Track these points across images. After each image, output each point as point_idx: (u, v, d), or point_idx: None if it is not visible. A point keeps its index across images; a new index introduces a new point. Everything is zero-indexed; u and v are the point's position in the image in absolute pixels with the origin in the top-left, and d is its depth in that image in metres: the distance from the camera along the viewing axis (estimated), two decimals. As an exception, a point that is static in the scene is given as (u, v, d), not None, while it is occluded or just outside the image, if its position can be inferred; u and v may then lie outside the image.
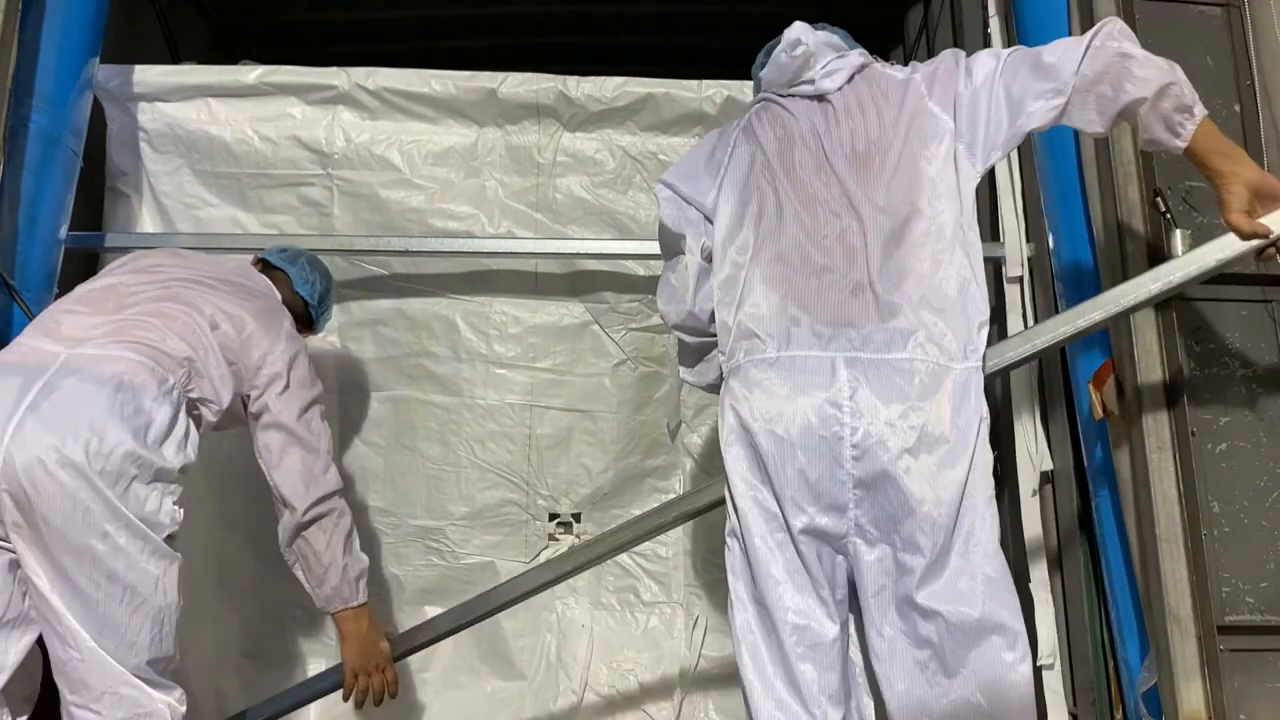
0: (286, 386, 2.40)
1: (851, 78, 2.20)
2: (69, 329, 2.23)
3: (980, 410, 1.96)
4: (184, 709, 2.16)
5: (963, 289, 2.00)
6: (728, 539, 2.07)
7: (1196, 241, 2.23)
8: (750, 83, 3.17)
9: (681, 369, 2.41)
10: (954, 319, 1.99)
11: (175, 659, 2.19)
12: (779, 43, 2.35)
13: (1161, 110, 2.00)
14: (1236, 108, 2.63)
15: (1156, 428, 2.37)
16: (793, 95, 2.25)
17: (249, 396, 2.41)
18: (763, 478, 1.99)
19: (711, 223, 2.23)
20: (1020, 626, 1.92)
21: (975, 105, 2.09)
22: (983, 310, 2.01)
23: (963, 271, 2.02)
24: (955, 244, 2.03)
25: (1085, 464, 2.69)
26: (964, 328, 1.99)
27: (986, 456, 1.97)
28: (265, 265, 2.76)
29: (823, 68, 2.22)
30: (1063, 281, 2.74)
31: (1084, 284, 2.64)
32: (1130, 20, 2.59)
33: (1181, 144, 2.02)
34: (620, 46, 4.42)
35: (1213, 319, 2.49)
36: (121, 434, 2.09)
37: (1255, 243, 2.03)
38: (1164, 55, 2.62)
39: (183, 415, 2.27)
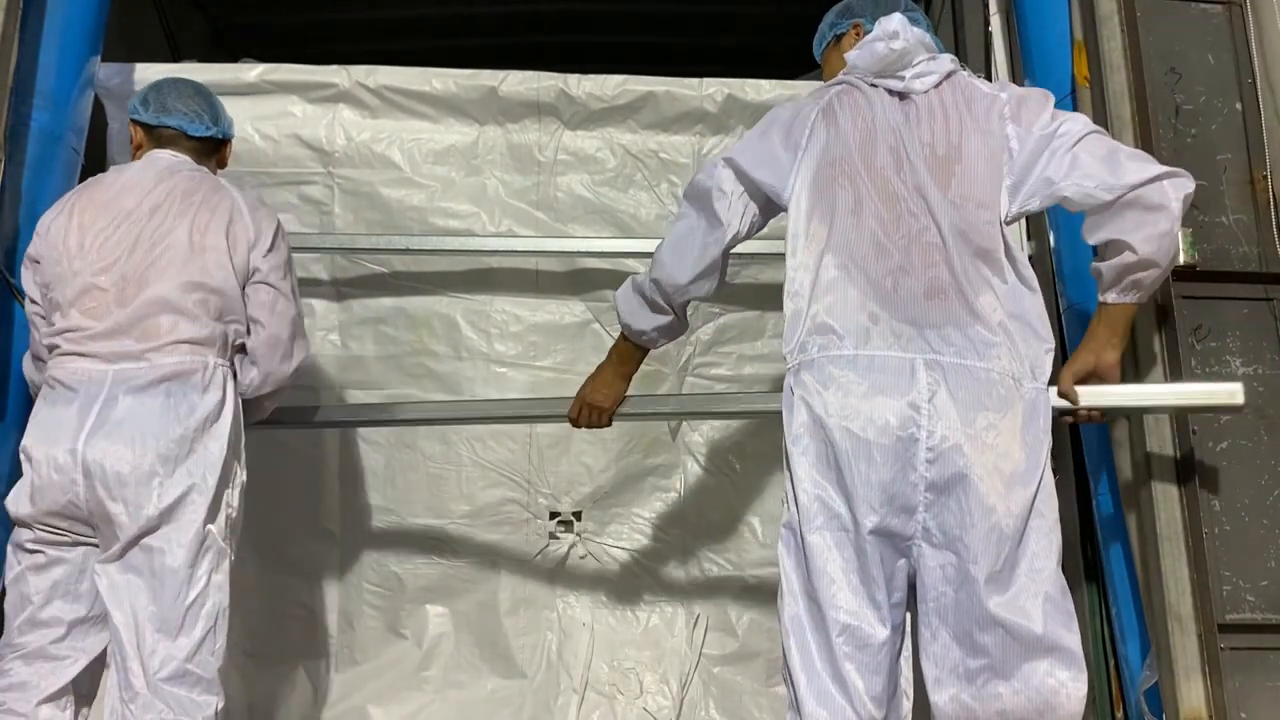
0: (277, 269, 2.42)
1: (939, 83, 2.19)
2: (97, 346, 2.25)
3: (1048, 432, 2.01)
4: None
5: (1037, 312, 2.06)
6: (783, 530, 2.06)
7: (1199, 239, 2.23)
8: (750, 81, 3.21)
9: (618, 293, 2.40)
10: (1029, 338, 2.03)
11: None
12: (851, 11, 2.37)
13: (1134, 272, 2.07)
14: (1238, 105, 2.63)
15: (1157, 426, 2.37)
16: (876, 85, 2.20)
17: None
18: (831, 475, 1.99)
19: (778, 205, 2.20)
20: (1079, 651, 1.94)
21: (1039, 150, 2.09)
22: (1050, 337, 2.06)
23: (1035, 295, 2.07)
24: (1018, 263, 2.08)
25: (1086, 462, 2.69)
26: (1036, 348, 2.03)
27: (1051, 479, 2.01)
28: (147, 133, 2.50)
29: (915, 67, 2.19)
30: (1063, 279, 2.74)
31: (1085, 282, 2.64)
32: (1131, 19, 2.59)
33: (1110, 297, 2.12)
34: (620, 45, 4.42)
35: (1214, 317, 2.49)
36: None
37: (1064, 403, 2.14)
38: (1165, 54, 2.65)
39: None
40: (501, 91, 3.19)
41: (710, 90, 3.22)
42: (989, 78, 3.19)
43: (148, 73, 3.10)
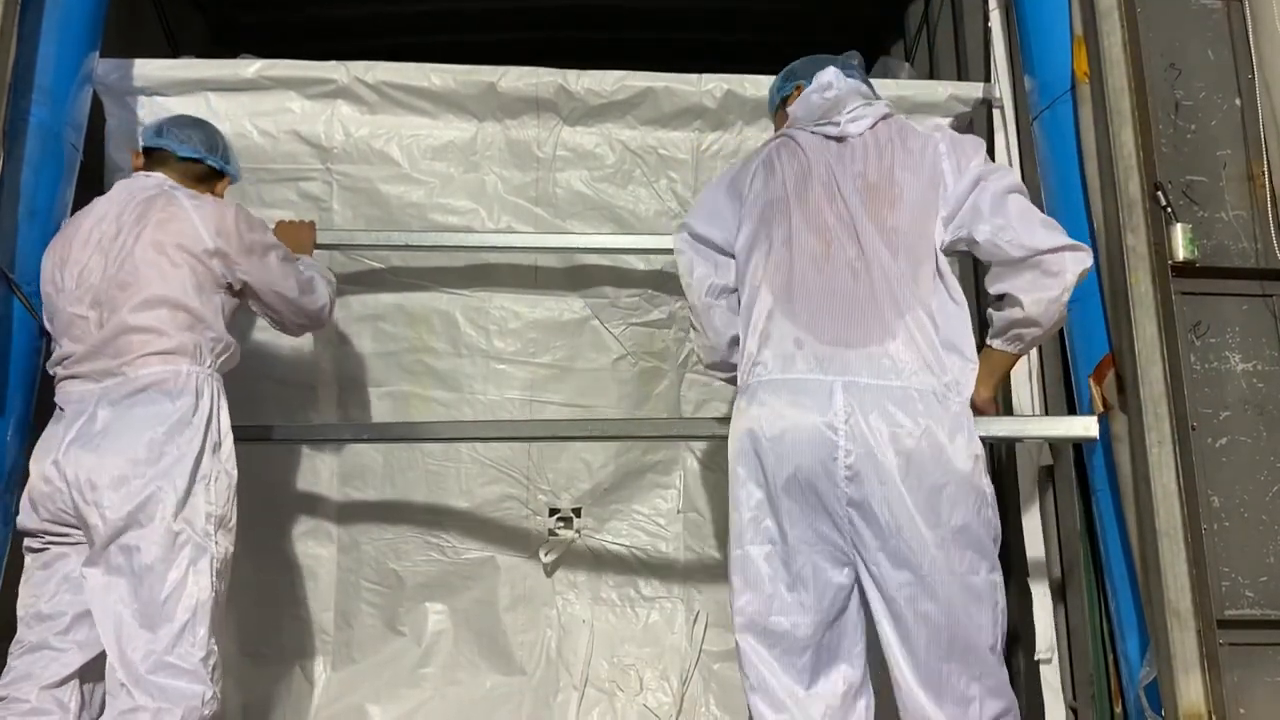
0: (243, 251, 2.49)
1: (875, 124, 2.38)
2: (83, 368, 2.40)
3: (973, 443, 2.17)
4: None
5: (963, 331, 2.23)
6: (731, 546, 2.27)
7: (1198, 235, 2.23)
8: (749, 77, 3.21)
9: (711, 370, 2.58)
10: (953, 356, 2.20)
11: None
12: (794, 74, 2.57)
13: (1018, 327, 2.25)
14: (1237, 102, 2.63)
15: (1157, 422, 2.37)
16: (814, 133, 2.41)
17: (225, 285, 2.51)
18: (763, 490, 2.21)
19: (732, 257, 2.43)
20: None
21: (972, 185, 2.26)
22: (974, 356, 2.23)
23: (961, 314, 2.24)
24: (950, 295, 2.25)
25: (1085, 458, 2.69)
26: (960, 366, 2.20)
27: (983, 488, 2.17)
28: (146, 156, 2.64)
29: (849, 112, 2.40)
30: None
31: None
32: (1131, 14, 2.59)
33: (995, 344, 2.29)
34: (619, 41, 4.42)
35: (1213, 313, 2.50)
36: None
37: None
38: (1164, 50, 2.65)
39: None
40: (500, 87, 3.19)
41: (709, 86, 3.21)
42: (988, 75, 3.20)
43: (146, 69, 3.10)
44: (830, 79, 2.45)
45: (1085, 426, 2.58)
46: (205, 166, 2.65)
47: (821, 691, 2.20)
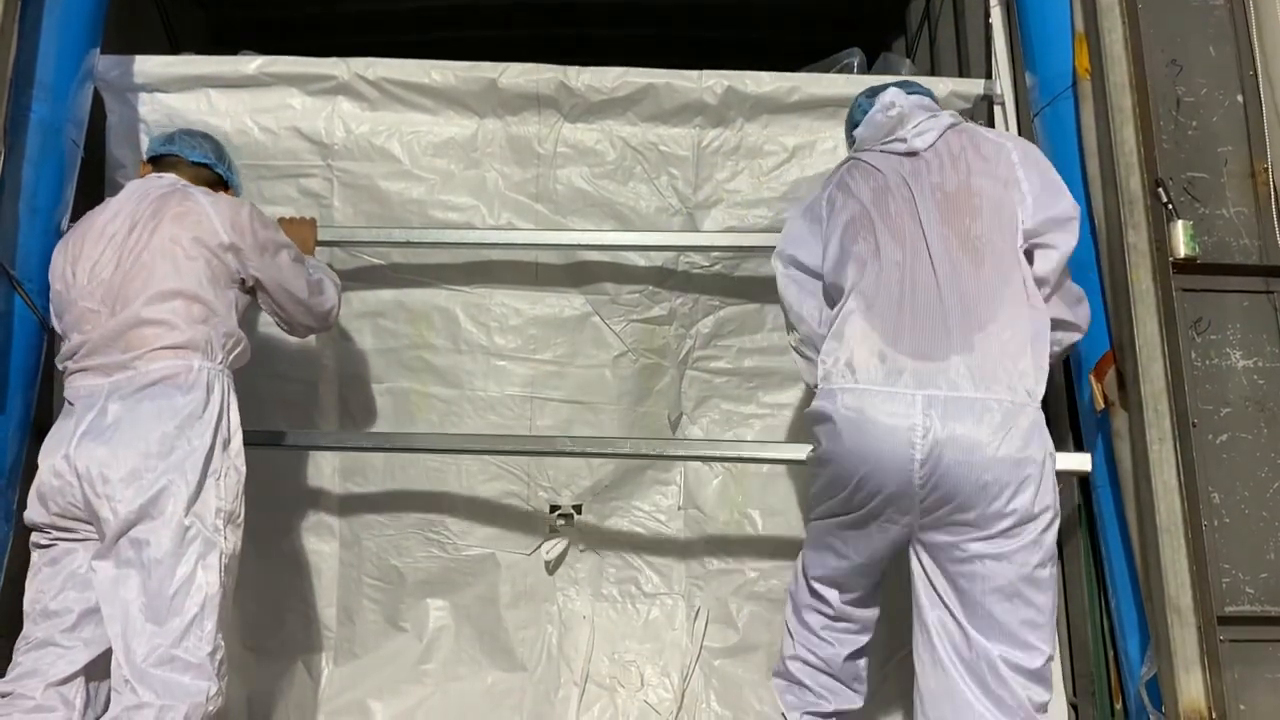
0: (256, 249, 2.53)
1: (943, 134, 2.42)
2: (93, 361, 2.41)
3: (1044, 445, 2.21)
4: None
5: (1044, 337, 2.25)
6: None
7: (1199, 232, 2.23)
8: (750, 73, 3.20)
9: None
10: (1028, 362, 2.21)
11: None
12: (873, 96, 2.60)
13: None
14: (1239, 98, 2.63)
15: (1157, 419, 2.37)
16: (884, 151, 2.45)
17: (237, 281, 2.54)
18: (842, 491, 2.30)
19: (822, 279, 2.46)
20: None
21: (1048, 191, 2.33)
22: (1047, 359, 2.25)
23: (1044, 320, 2.27)
24: (1030, 300, 2.26)
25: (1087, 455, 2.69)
26: (1035, 372, 2.21)
27: (1050, 487, 2.22)
28: (155, 162, 2.71)
29: (914, 127, 2.44)
30: (1064, 272, 2.74)
31: (1085, 275, 2.64)
32: (1132, 10, 2.59)
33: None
34: (617, 38, 4.41)
35: (1214, 310, 2.50)
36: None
37: None
38: (1166, 46, 2.66)
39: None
40: (501, 83, 3.18)
41: (710, 82, 3.20)
42: (989, 72, 3.19)
43: (147, 65, 3.10)
44: (892, 98, 2.52)
45: (1081, 462, 2.63)
46: (213, 174, 2.73)
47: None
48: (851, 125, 2.68)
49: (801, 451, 2.67)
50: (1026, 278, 2.26)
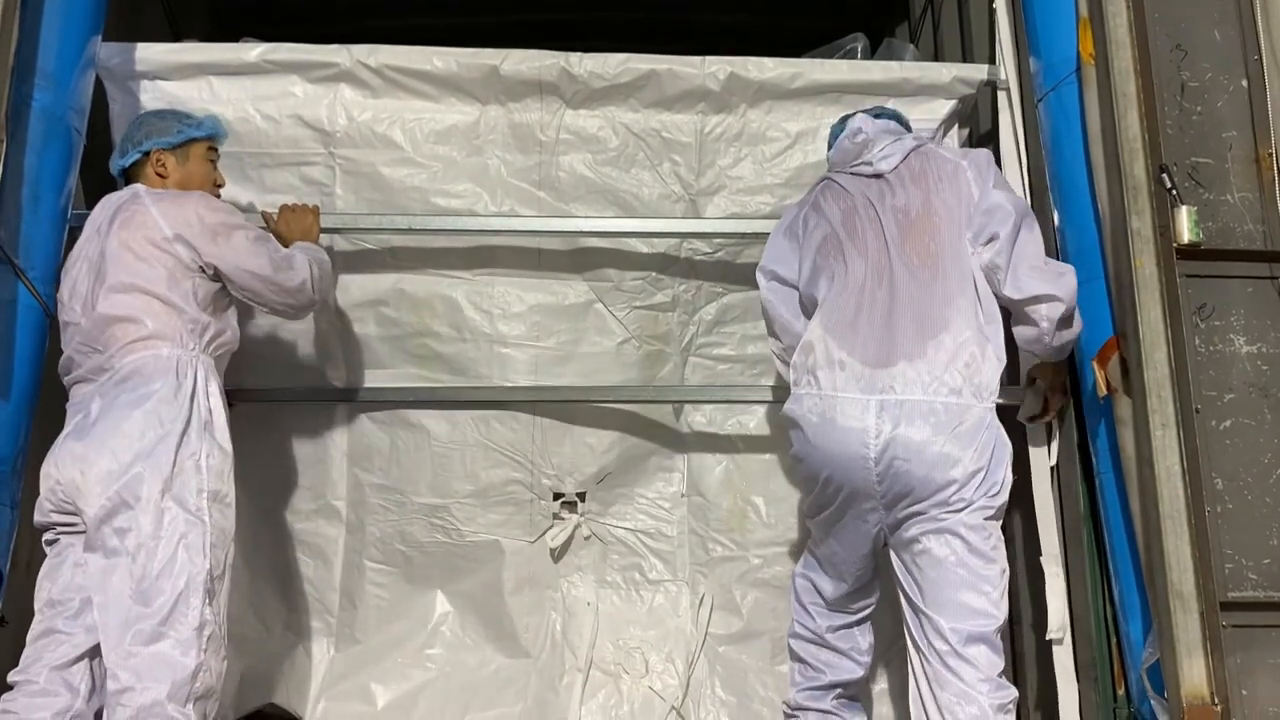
0: (206, 235, 2.55)
1: (906, 157, 2.61)
2: (82, 370, 2.52)
3: (993, 441, 2.41)
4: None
5: (997, 339, 2.45)
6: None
7: (1203, 217, 2.22)
8: (753, 59, 3.20)
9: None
10: (982, 365, 2.41)
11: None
12: (844, 122, 2.80)
13: (1028, 348, 2.67)
14: (1244, 83, 2.62)
15: (1161, 405, 2.37)
16: (853, 174, 2.68)
17: (201, 269, 2.56)
18: (816, 488, 2.57)
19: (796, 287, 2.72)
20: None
21: (985, 216, 2.51)
22: (1003, 359, 2.46)
23: (997, 325, 2.47)
24: (983, 308, 2.47)
25: (1090, 441, 2.69)
26: (989, 373, 2.42)
27: (1000, 479, 2.43)
28: (124, 178, 2.75)
29: (880, 150, 2.64)
30: (1067, 258, 2.74)
31: (1089, 261, 2.64)
32: (1137, -6, 2.57)
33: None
34: (618, 23, 4.40)
35: (1218, 295, 2.49)
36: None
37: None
38: (1170, 31, 2.65)
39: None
40: (503, 71, 3.17)
41: (713, 68, 3.20)
42: (993, 57, 3.18)
43: (149, 53, 3.09)
44: (859, 124, 2.71)
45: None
46: (153, 155, 2.69)
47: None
48: (829, 148, 2.86)
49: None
50: (981, 289, 2.47)
